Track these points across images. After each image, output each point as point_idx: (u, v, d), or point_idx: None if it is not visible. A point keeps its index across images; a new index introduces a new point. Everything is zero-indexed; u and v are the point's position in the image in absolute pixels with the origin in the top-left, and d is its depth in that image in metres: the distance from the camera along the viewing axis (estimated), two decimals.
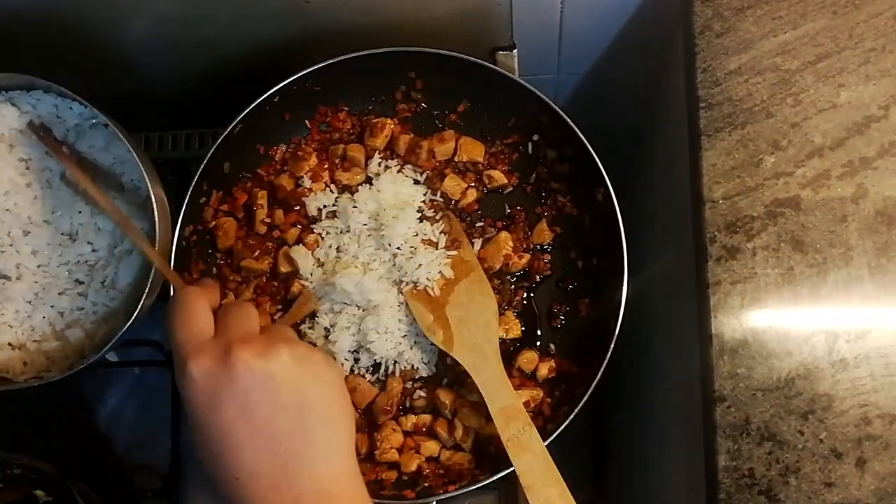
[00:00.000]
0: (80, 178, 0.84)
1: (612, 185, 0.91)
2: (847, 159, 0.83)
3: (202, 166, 0.93)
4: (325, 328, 0.93)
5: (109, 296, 0.89)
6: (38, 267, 0.89)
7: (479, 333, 0.91)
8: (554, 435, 0.86)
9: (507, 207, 0.99)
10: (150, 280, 0.85)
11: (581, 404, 0.87)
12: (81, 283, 0.90)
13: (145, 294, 0.84)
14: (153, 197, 0.85)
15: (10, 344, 0.88)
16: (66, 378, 1.01)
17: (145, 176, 0.85)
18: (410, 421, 0.93)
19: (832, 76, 0.85)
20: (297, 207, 0.98)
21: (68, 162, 0.86)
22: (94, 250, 0.90)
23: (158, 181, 0.87)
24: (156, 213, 0.85)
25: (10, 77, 0.88)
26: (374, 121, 1.00)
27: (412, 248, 0.93)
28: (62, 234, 0.90)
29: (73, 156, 0.88)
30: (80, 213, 0.90)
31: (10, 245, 0.88)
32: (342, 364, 0.94)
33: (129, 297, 0.89)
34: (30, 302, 0.88)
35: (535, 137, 0.99)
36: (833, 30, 0.86)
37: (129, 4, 0.95)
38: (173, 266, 0.91)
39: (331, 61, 0.94)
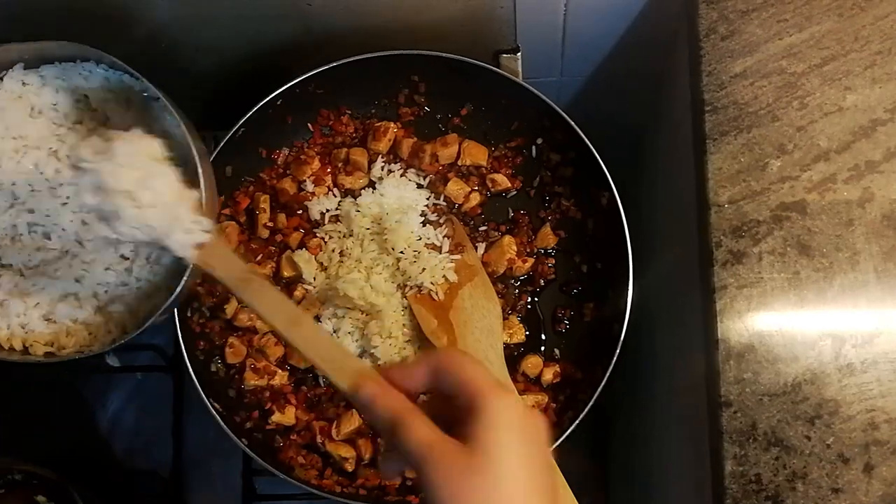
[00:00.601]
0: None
1: (616, 188, 0.91)
2: (853, 163, 0.82)
3: None
4: (329, 333, 0.93)
5: (153, 271, 0.87)
6: (87, 241, 0.88)
7: (482, 338, 0.91)
8: (559, 440, 0.86)
9: (510, 211, 0.99)
10: None
11: (586, 410, 0.87)
12: (126, 258, 0.88)
13: (188, 271, 0.80)
14: (201, 171, 0.81)
15: (50, 319, 0.87)
16: (69, 381, 1.01)
17: (194, 150, 0.82)
18: None
19: (838, 79, 0.84)
20: (300, 211, 0.98)
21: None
22: None
23: (207, 156, 0.85)
24: (203, 187, 0.81)
25: (63, 46, 0.85)
26: (377, 124, 1.00)
27: (415, 253, 0.93)
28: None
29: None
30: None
31: (56, 222, 0.86)
32: None
33: (171, 273, 0.87)
34: (77, 279, 0.87)
35: (539, 141, 0.98)
36: (839, 32, 0.86)
37: (130, 8, 0.95)
38: None
39: (333, 64, 0.94)
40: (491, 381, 0.58)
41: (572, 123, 0.93)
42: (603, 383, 0.87)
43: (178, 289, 0.81)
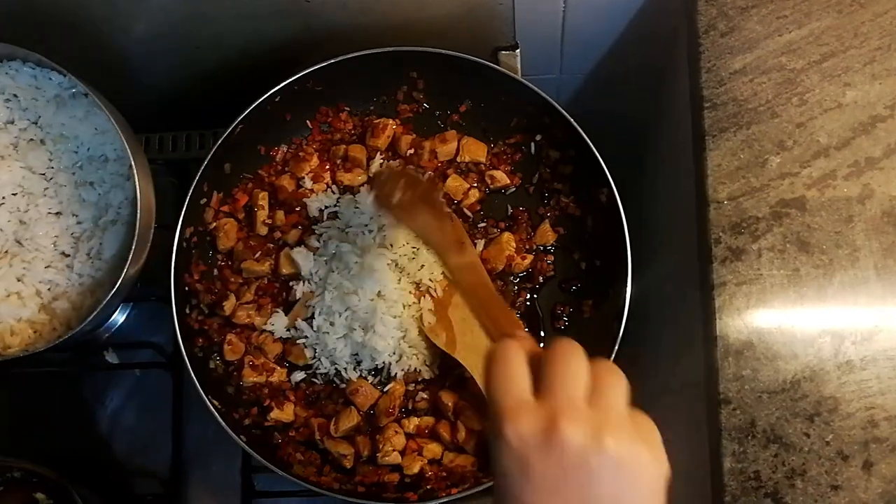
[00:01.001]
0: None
1: (615, 186, 0.90)
2: (853, 159, 0.82)
3: (202, 167, 0.93)
4: (326, 329, 0.93)
5: (95, 266, 0.89)
6: (26, 241, 0.89)
7: (481, 335, 0.90)
8: None
9: (509, 208, 0.98)
10: (133, 248, 0.84)
11: None
12: (67, 255, 0.89)
13: (128, 262, 0.83)
14: (134, 165, 0.83)
15: None
16: (67, 377, 1.01)
17: (126, 145, 0.83)
18: (413, 423, 0.93)
19: (838, 75, 0.84)
20: (299, 208, 0.98)
21: None
22: (79, 222, 0.90)
23: (141, 150, 0.86)
24: (136, 182, 0.83)
25: None
26: (376, 121, 1.00)
27: (414, 249, 0.92)
28: (49, 209, 0.90)
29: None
30: (63, 186, 0.90)
31: None
32: (344, 368, 0.94)
33: (113, 267, 0.89)
34: (18, 278, 0.88)
35: (538, 138, 0.98)
36: (838, 29, 0.85)
37: (130, 4, 0.95)
38: (174, 267, 0.90)
39: (332, 61, 0.94)
40: None
41: (571, 120, 0.93)
42: None
43: (119, 282, 0.83)
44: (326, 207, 0.96)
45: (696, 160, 0.85)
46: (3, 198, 0.88)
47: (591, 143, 0.92)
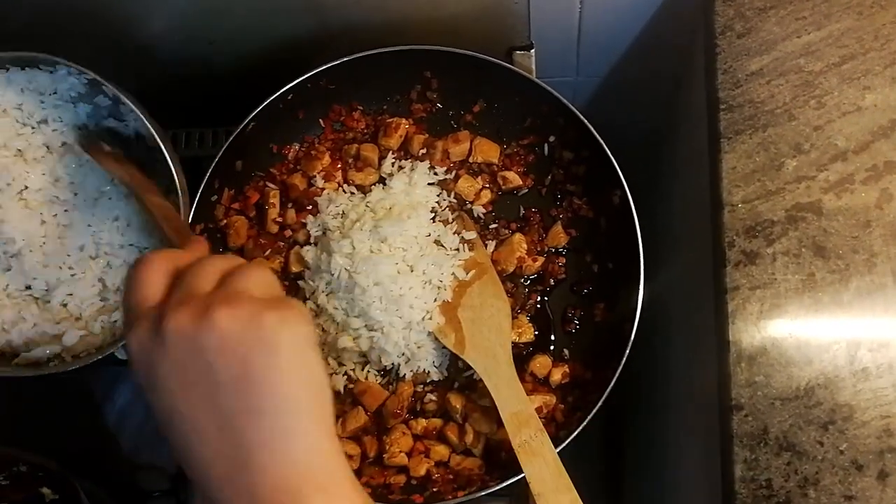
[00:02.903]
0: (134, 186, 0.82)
1: (629, 187, 0.89)
2: (871, 163, 0.81)
3: (214, 164, 0.93)
4: (334, 329, 0.92)
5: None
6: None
7: (491, 336, 0.90)
8: (566, 442, 0.84)
9: (521, 209, 0.98)
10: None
11: (594, 411, 0.85)
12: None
13: None
14: (174, 170, 0.84)
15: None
16: (76, 373, 1.01)
17: (162, 146, 0.84)
18: (421, 425, 0.92)
19: (857, 78, 0.83)
20: (310, 207, 0.97)
21: (120, 171, 0.84)
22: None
23: (175, 154, 0.86)
24: (178, 185, 0.84)
25: (19, 56, 0.86)
26: (389, 120, 0.99)
27: (423, 249, 0.92)
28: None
29: (126, 164, 0.86)
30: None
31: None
32: (352, 368, 0.93)
33: None
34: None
35: (552, 139, 0.97)
36: (858, 31, 0.84)
37: (147, 3, 0.95)
38: None
39: (345, 59, 0.94)
40: None
41: (585, 122, 0.92)
42: (612, 384, 0.85)
43: None
44: (338, 206, 0.96)
45: (710, 162, 0.84)
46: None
47: (604, 145, 0.91)
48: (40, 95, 0.88)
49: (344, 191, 0.97)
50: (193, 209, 0.91)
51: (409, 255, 0.91)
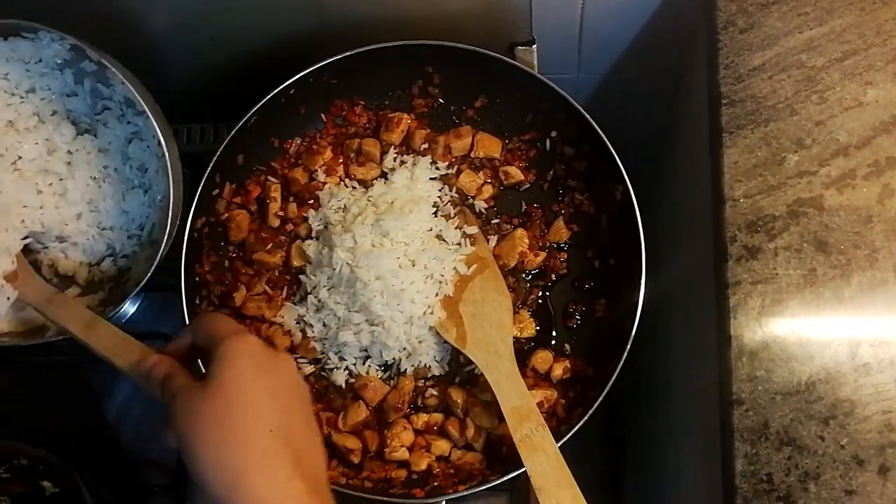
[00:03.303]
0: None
1: (631, 183, 0.89)
2: (873, 159, 0.81)
3: (215, 158, 0.93)
4: (335, 323, 0.92)
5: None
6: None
7: (492, 331, 0.90)
8: (567, 436, 0.84)
9: (523, 204, 0.98)
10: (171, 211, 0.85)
11: (595, 406, 0.85)
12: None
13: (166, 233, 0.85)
14: (156, 124, 0.82)
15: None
16: (77, 367, 1.01)
17: (145, 106, 0.82)
18: (422, 419, 0.92)
19: (859, 74, 0.83)
20: (311, 201, 0.97)
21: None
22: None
23: (159, 112, 0.85)
24: (163, 141, 0.83)
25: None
26: (391, 115, 0.99)
27: (425, 243, 0.92)
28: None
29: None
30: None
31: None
32: (353, 363, 0.93)
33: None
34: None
35: (553, 134, 0.97)
36: (860, 26, 0.84)
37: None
38: (185, 258, 0.90)
39: (347, 54, 0.94)
40: (231, 328, 0.69)
41: (587, 116, 0.92)
42: (613, 380, 0.85)
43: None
44: (339, 201, 0.96)
45: (712, 157, 0.84)
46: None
47: (606, 140, 0.91)
48: (25, 64, 0.87)
49: (346, 185, 0.97)
50: (195, 203, 0.91)
51: (411, 249, 0.91)
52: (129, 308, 1.05)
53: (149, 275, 0.85)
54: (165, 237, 0.84)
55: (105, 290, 0.92)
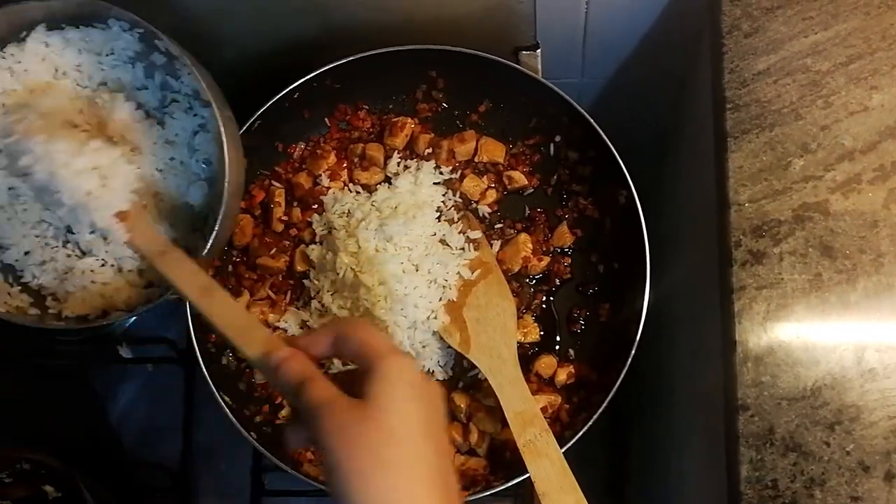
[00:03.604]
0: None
1: (635, 187, 0.89)
2: (879, 163, 0.80)
3: None
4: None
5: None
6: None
7: (496, 336, 0.89)
8: (571, 442, 0.84)
9: (527, 209, 0.97)
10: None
11: (600, 411, 0.85)
12: None
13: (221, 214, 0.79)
14: (222, 128, 0.78)
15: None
16: (81, 371, 1.01)
17: (214, 107, 0.79)
18: None
19: (864, 78, 0.83)
20: (315, 206, 0.97)
21: None
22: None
23: (228, 112, 0.82)
24: (225, 146, 0.78)
25: (82, 4, 0.81)
26: (394, 120, 0.99)
27: (428, 247, 0.92)
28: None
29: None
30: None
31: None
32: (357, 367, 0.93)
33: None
34: None
35: (557, 139, 0.97)
36: (866, 31, 0.84)
37: (152, 4, 0.95)
38: None
39: (351, 58, 0.94)
40: (387, 344, 0.62)
41: (591, 121, 0.92)
42: (617, 385, 0.85)
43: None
44: (343, 205, 0.96)
45: (717, 162, 0.84)
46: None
47: (610, 145, 0.91)
48: (97, 56, 0.85)
49: (349, 190, 0.97)
50: None
51: (415, 254, 0.91)
52: None
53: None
54: (216, 227, 0.78)
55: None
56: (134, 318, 1.05)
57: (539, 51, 1.02)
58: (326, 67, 0.94)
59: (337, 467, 0.57)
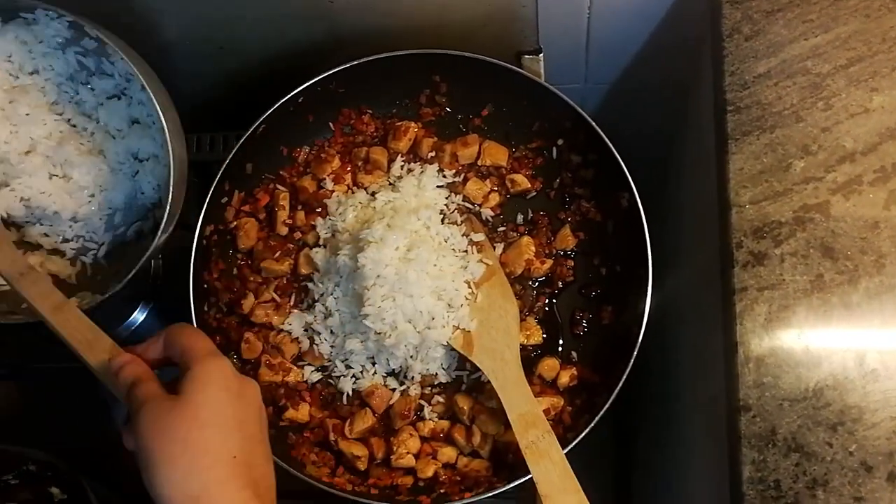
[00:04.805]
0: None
1: (637, 190, 0.90)
2: (879, 165, 0.81)
3: (224, 166, 0.94)
4: (342, 331, 0.92)
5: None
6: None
7: (499, 338, 0.90)
8: (573, 443, 0.84)
9: (529, 212, 0.98)
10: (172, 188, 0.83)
11: (601, 413, 0.85)
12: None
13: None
14: (157, 104, 0.81)
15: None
16: (86, 373, 1.01)
17: (145, 84, 0.81)
18: (428, 426, 0.92)
19: (864, 80, 0.83)
20: (319, 209, 0.98)
21: None
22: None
23: (162, 90, 0.84)
24: (163, 121, 0.81)
25: None
26: (398, 124, 1.00)
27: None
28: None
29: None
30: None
31: None
32: (360, 370, 0.93)
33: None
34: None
35: (560, 142, 0.98)
36: (866, 33, 0.84)
37: (157, 8, 0.96)
38: (193, 265, 0.91)
39: (355, 63, 0.94)
40: (205, 347, 0.70)
41: (594, 124, 0.92)
42: (619, 387, 0.85)
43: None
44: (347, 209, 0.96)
45: (718, 164, 0.84)
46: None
47: (613, 148, 0.91)
48: (26, 45, 0.88)
49: (353, 193, 0.98)
50: (204, 211, 0.92)
51: (418, 257, 0.91)
52: (139, 316, 1.06)
53: (146, 256, 0.84)
54: (165, 216, 0.83)
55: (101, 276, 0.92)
56: (139, 321, 1.06)
57: (541, 55, 1.03)
58: (330, 72, 0.95)
59: (149, 455, 0.63)
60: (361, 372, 0.94)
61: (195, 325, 0.90)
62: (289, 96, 0.94)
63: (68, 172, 0.89)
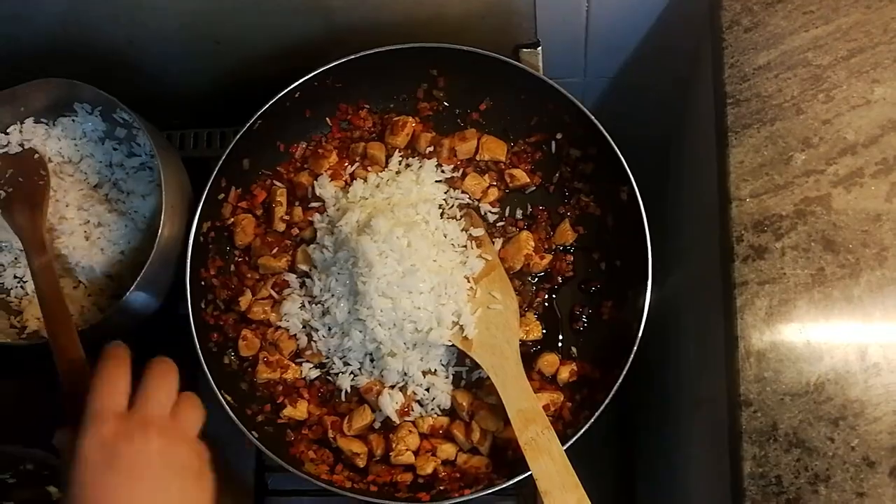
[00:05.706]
0: None
1: (637, 184, 0.89)
2: (881, 157, 0.80)
3: (221, 162, 0.93)
4: (340, 328, 0.92)
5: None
6: None
7: (498, 334, 0.89)
8: (573, 439, 0.84)
9: (529, 207, 0.97)
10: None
11: (602, 409, 0.85)
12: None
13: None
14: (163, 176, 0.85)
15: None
16: None
17: (157, 158, 0.86)
18: (427, 423, 0.91)
19: (866, 72, 0.82)
20: (317, 205, 0.97)
21: None
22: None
23: (175, 159, 0.90)
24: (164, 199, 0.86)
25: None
26: (396, 119, 0.99)
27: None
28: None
29: None
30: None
31: None
32: (358, 367, 0.93)
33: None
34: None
35: (559, 136, 0.97)
36: (867, 24, 0.84)
37: (155, 3, 0.95)
38: (190, 262, 0.90)
39: (352, 57, 0.94)
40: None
41: (593, 118, 0.91)
42: (619, 382, 0.85)
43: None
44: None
45: (718, 157, 0.83)
46: None
47: (612, 142, 0.90)
48: (73, 140, 1.00)
49: (351, 189, 0.97)
50: (200, 208, 0.92)
51: (417, 252, 0.91)
52: None
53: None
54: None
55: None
56: None
57: (540, 48, 1.02)
58: (327, 67, 0.94)
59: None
60: (360, 369, 0.93)
61: (192, 321, 0.90)
62: (285, 91, 0.94)
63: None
